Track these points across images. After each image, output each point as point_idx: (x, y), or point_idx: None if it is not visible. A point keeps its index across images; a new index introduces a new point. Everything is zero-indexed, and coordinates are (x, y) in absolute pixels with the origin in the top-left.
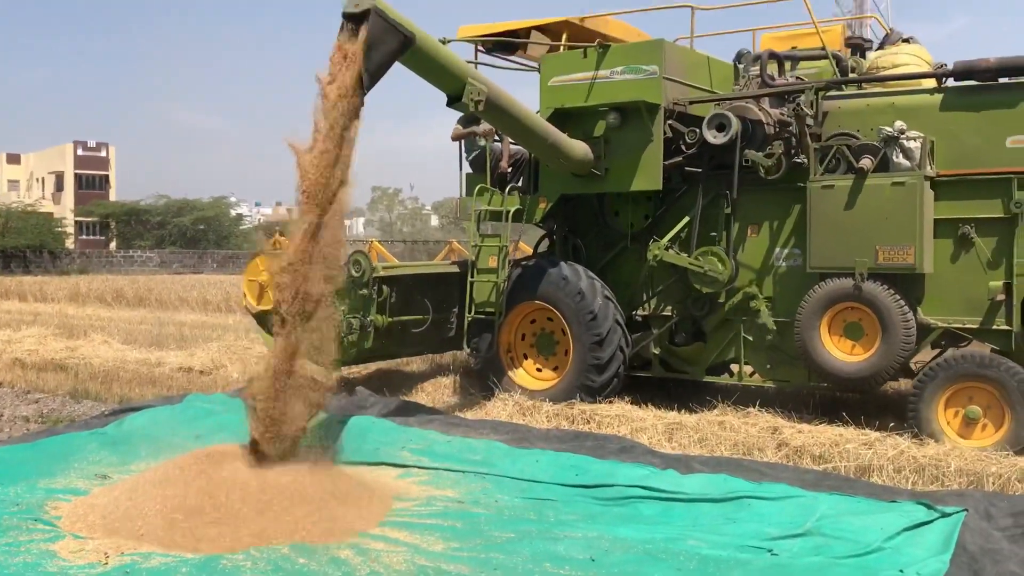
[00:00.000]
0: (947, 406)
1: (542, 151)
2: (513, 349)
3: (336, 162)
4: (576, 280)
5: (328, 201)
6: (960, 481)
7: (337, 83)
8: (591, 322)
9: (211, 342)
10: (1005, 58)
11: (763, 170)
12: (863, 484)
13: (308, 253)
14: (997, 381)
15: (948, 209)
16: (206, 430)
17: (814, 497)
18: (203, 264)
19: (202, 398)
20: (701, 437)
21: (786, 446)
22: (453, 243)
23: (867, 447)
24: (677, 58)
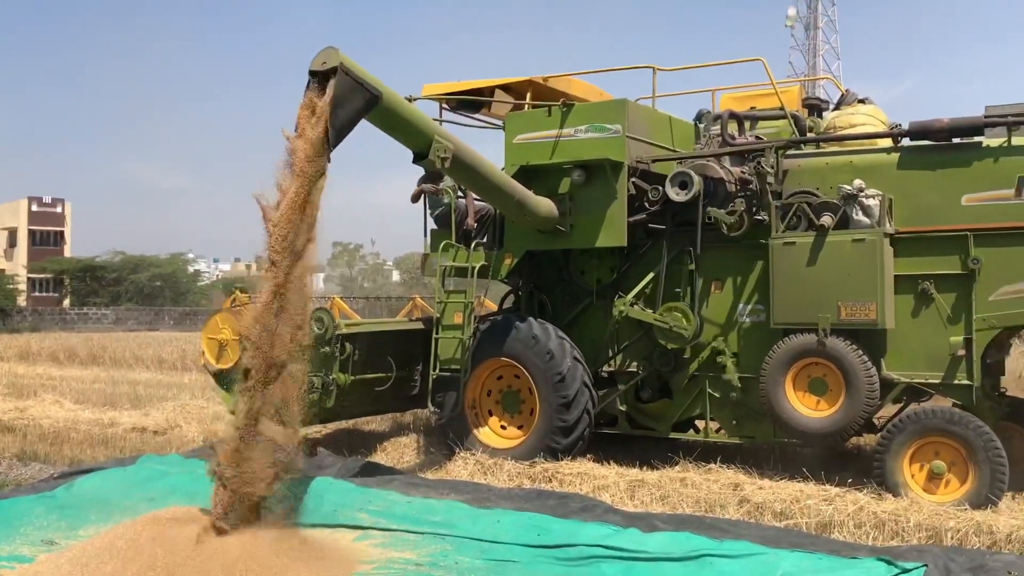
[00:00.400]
0: (912, 460)
1: (508, 208)
2: (478, 406)
3: (303, 220)
4: (546, 340)
5: (294, 259)
6: (919, 536)
7: (304, 140)
8: (559, 384)
9: (166, 401)
10: (958, 119)
11: (726, 227)
12: (824, 540)
13: (273, 313)
14: (964, 439)
15: (908, 265)
16: (160, 492)
17: (776, 554)
18: (159, 321)
19: (156, 459)
20: (663, 494)
21: (748, 502)
22: (416, 299)
23: (827, 503)
24: (639, 117)
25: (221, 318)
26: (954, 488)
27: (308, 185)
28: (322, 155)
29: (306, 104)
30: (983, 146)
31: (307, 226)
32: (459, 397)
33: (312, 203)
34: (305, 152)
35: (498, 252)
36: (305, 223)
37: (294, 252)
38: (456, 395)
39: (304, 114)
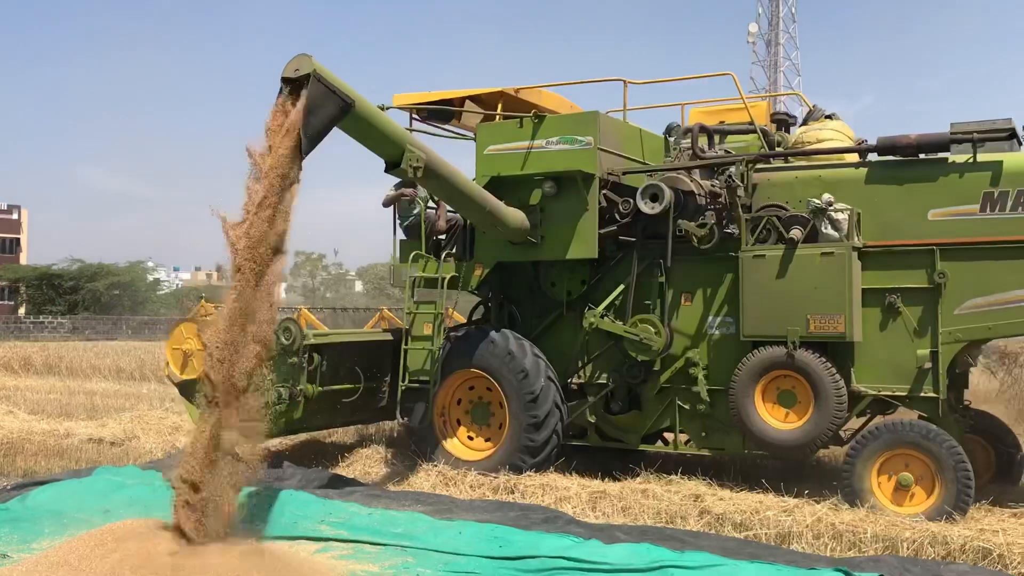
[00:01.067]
0: (880, 471)
1: (479, 218)
2: (447, 416)
3: (268, 235)
4: (521, 357)
5: (259, 275)
6: (876, 547)
7: (272, 154)
8: (524, 380)
9: (123, 412)
10: (925, 135)
11: (696, 240)
12: (783, 551)
13: (238, 330)
14: (933, 453)
15: (875, 279)
16: (116, 504)
17: (735, 565)
18: (117, 331)
19: (112, 470)
20: (625, 506)
21: (708, 513)
22: (384, 310)
23: (787, 514)
24: (611, 129)
25: (186, 328)
26: (920, 500)
27: (274, 199)
28: (293, 167)
29: (274, 115)
30: (949, 162)
31: (273, 242)
32: (428, 408)
33: (282, 213)
34: (272, 165)
35: (468, 263)
36: (273, 234)
37: (259, 268)
38: (425, 406)
39: (273, 126)
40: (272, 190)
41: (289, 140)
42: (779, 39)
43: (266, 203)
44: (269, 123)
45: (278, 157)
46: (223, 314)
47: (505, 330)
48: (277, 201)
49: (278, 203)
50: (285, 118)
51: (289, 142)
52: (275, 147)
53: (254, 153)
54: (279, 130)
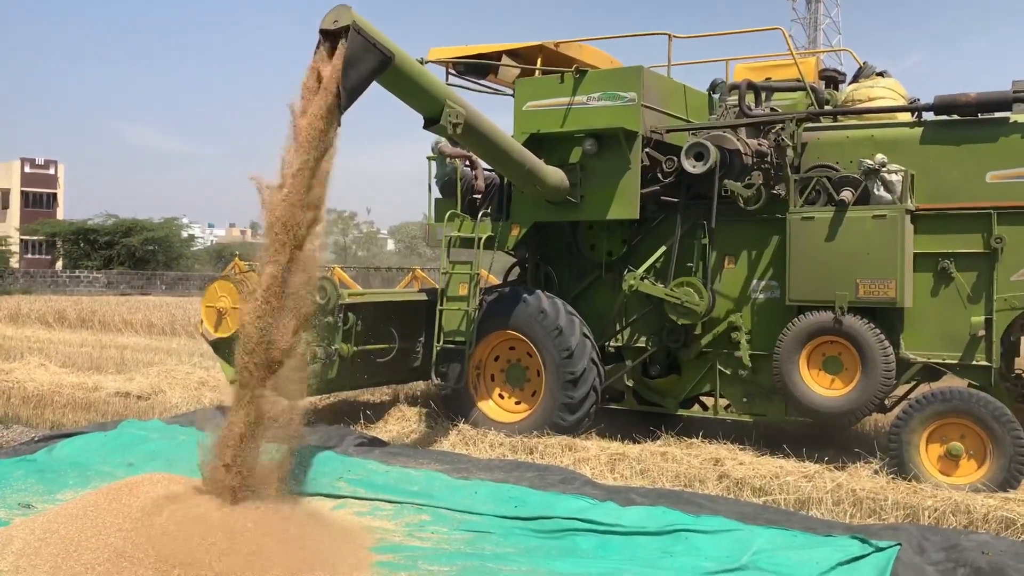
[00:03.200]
0: (930, 440)
1: (518, 177)
2: (483, 379)
3: (307, 200)
4: (555, 315)
5: (298, 243)
6: (896, 515)
7: (309, 115)
8: (567, 360)
9: (151, 366)
10: (985, 93)
11: (742, 201)
12: (800, 517)
13: (275, 303)
14: (984, 422)
15: (927, 243)
16: (139, 458)
17: (751, 531)
18: (151, 286)
19: (137, 424)
20: (643, 468)
21: (727, 478)
22: (416, 270)
23: (807, 480)
24: (654, 86)
25: (220, 286)
26: (970, 471)
27: (313, 162)
28: (331, 127)
29: (311, 73)
30: (1011, 122)
31: (312, 207)
32: (463, 369)
33: (319, 181)
34: (310, 126)
35: (505, 223)
36: (311, 204)
37: (298, 235)
38: (460, 367)
39: (309, 84)
40: (309, 157)
41: (325, 103)
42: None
43: (303, 170)
44: (306, 80)
45: (313, 122)
46: (258, 287)
47: (556, 301)
48: (314, 168)
49: (315, 170)
50: (319, 80)
51: (325, 105)
52: (310, 113)
53: (295, 111)
54: (314, 94)
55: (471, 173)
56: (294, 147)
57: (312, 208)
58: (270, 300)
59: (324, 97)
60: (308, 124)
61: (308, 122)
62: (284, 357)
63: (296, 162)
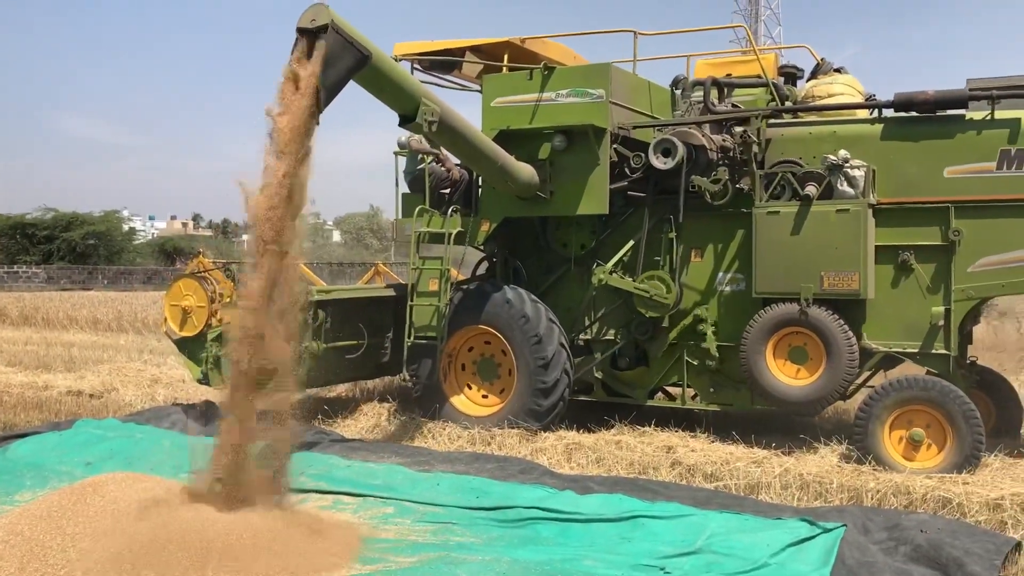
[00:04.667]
0: (892, 427)
1: (490, 173)
2: (454, 373)
3: (291, 202)
4: (520, 304)
5: (285, 250)
6: (841, 497)
7: (288, 116)
8: (536, 345)
9: (102, 364)
10: (943, 91)
11: (709, 196)
12: (751, 502)
13: (264, 311)
14: (944, 407)
15: (888, 236)
16: (97, 457)
17: (704, 515)
18: (93, 281)
19: (92, 423)
20: (599, 457)
21: (680, 464)
22: (379, 265)
23: (756, 465)
24: (622, 82)
25: (184, 284)
26: (932, 455)
27: (294, 163)
28: (311, 128)
29: (288, 75)
30: (966, 119)
31: (295, 208)
32: (435, 365)
33: (300, 184)
34: (291, 127)
35: (474, 218)
36: (294, 206)
37: (284, 239)
38: (432, 363)
39: (287, 87)
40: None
41: (304, 103)
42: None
43: (285, 173)
44: (281, 87)
45: (293, 123)
46: (244, 301)
47: (520, 291)
48: (297, 168)
49: (297, 171)
50: (297, 82)
51: (305, 105)
52: (290, 114)
53: (273, 114)
54: (292, 95)
55: (440, 168)
56: (275, 151)
57: (295, 208)
58: (258, 310)
59: (303, 98)
60: (289, 127)
61: (289, 124)
62: (275, 367)
63: (280, 167)
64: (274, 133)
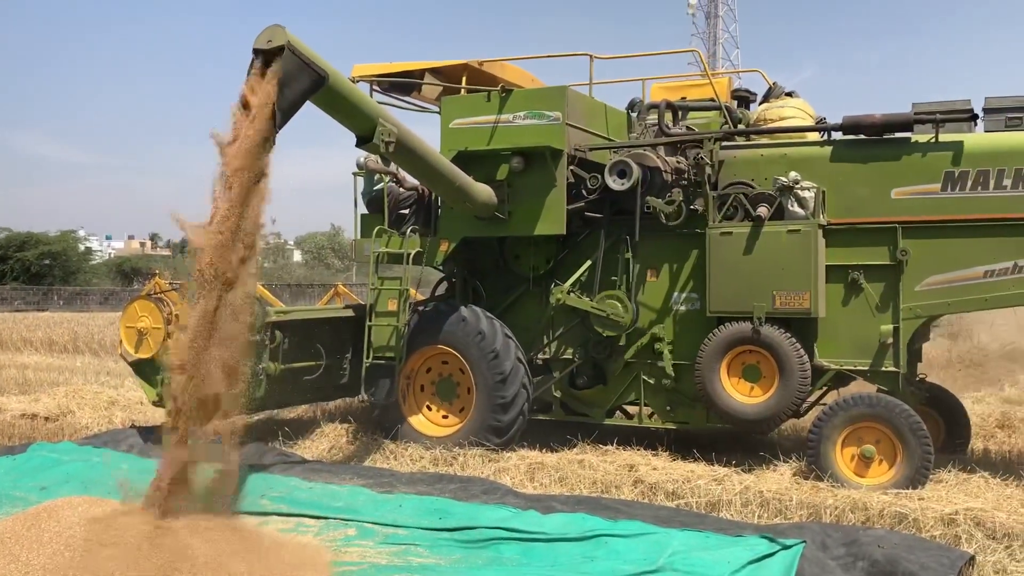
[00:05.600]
0: (844, 445)
1: (448, 194)
2: (413, 396)
3: (239, 234)
4: (476, 321)
5: (230, 281)
6: (801, 514)
7: (240, 143)
8: (493, 361)
9: (57, 386)
10: (890, 115)
11: (664, 216)
12: (712, 519)
13: (203, 349)
14: (894, 424)
15: (838, 256)
16: (53, 481)
17: (666, 533)
18: (48, 301)
19: (47, 447)
20: (562, 476)
21: (642, 483)
22: (339, 286)
23: (717, 483)
24: (578, 105)
25: (140, 305)
26: (883, 471)
27: (244, 195)
28: (264, 153)
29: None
30: (912, 142)
31: (245, 241)
32: (393, 385)
33: (253, 213)
34: (242, 156)
35: (433, 238)
36: (243, 238)
37: (229, 273)
38: (390, 383)
39: (239, 114)
40: (240, 190)
41: (258, 130)
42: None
43: (234, 204)
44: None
45: (245, 151)
46: (187, 331)
47: (476, 308)
48: (246, 200)
49: (247, 202)
50: (254, 95)
51: (258, 133)
52: (241, 141)
53: (222, 141)
54: (244, 121)
55: (398, 189)
56: (223, 181)
57: (244, 240)
58: (199, 346)
59: (255, 122)
60: (238, 156)
61: (239, 154)
62: (216, 403)
63: (227, 199)
64: (223, 161)
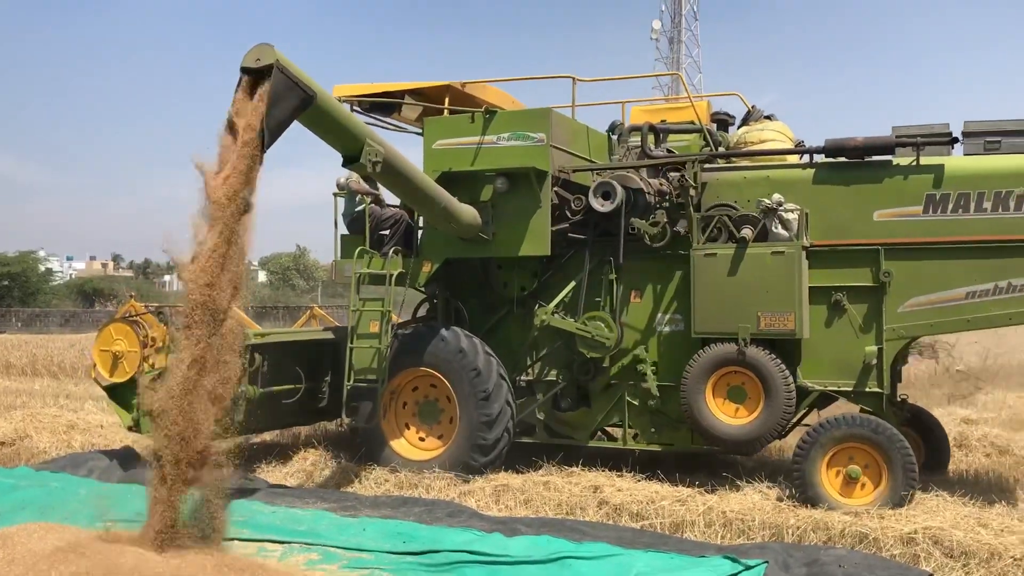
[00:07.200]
0: (829, 465)
1: (433, 215)
2: (394, 412)
3: (226, 269)
4: (455, 340)
5: (218, 318)
6: (763, 534)
7: (229, 177)
8: (476, 379)
9: (14, 410)
10: (871, 138)
11: (648, 238)
12: (675, 540)
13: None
14: (879, 445)
15: (822, 277)
16: (8, 508)
17: (630, 555)
18: (6, 323)
19: (3, 472)
20: (527, 498)
21: (607, 504)
22: (315, 308)
23: (681, 504)
24: (561, 127)
25: (115, 329)
26: (868, 491)
27: (231, 231)
28: (250, 183)
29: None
30: (894, 164)
31: (231, 276)
32: (375, 408)
33: (237, 250)
34: (230, 191)
35: (415, 259)
36: (230, 273)
37: (217, 310)
38: (372, 406)
39: (227, 142)
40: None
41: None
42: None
43: (220, 240)
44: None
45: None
46: (172, 377)
47: (456, 328)
48: (232, 234)
49: (233, 236)
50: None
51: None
52: (229, 175)
53: (208, 173)
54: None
55: (379, 210)
56: (210, 216)
57: (231, 275)
58: (188, 387)
59: (244, 145)
60: (227, 192)
61: (227, 189)
62: (204, 453)
63: (213, 234)
64: (208, 194)
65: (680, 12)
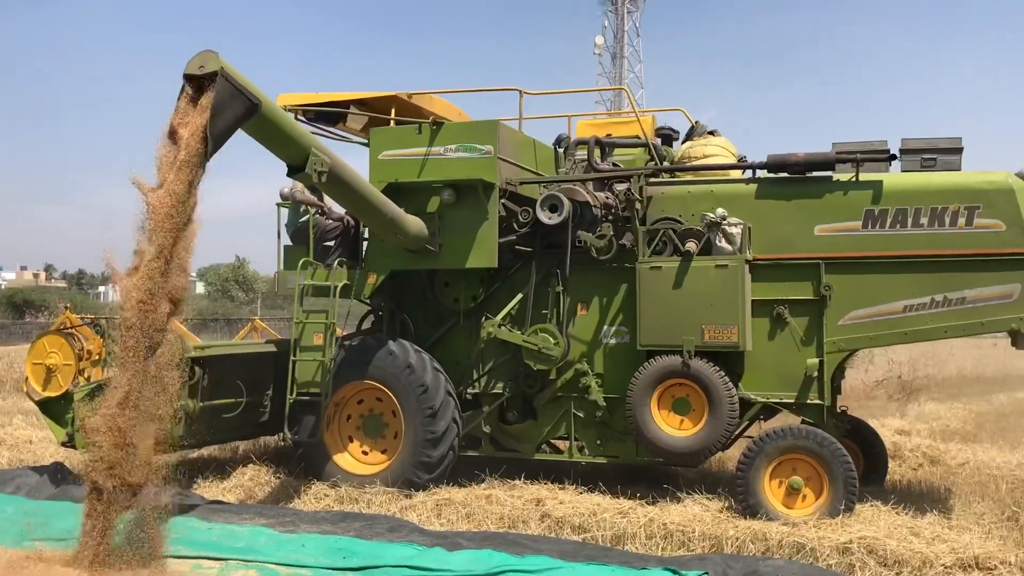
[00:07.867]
0: (772, 477)
1: (379, 225)
2: (337, 424)
3: (167, 279)
4: (404, 354)
5: (158, 330)
6: (703, 545)
7: (167, 190)
8: (423, 395)
9: None
10: (812, 154)
11: (595, 251)
12: (617, 553)
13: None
14: (820, 456)
15: (764, 291)
16: None
17: (572, 568)
18: None
19: None
20: (469, 512)
21: (549, 517)
22: (256, 320)
23: (622, 516)
24: (509, 139)
25: (49, 341)
26: (810, 502)
27: (171, 243)
28: (191, 197)
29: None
30: (834, 180)
31: (174, 285)
32: (318, 422)
33: (177, 265)
34: (170, 204)
35: (360, 271)
36: (171, 282)
37: (156, 322)
38: (315, 420)
39: (166, 158)
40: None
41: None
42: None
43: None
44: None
45: (172, 199)
46: (111, 394)
47: (404, 342)
48: (173, 247)
49: (174, 248)
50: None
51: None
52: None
53: (145, 189)
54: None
55: (324, 220)
56: (149, 232)
57: (173, 285)
58: (126, 409)
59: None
60: (166, 205)
61: (166, 202)
62: (143, 479)
63: (153, 248)
64: (148, 209)
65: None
